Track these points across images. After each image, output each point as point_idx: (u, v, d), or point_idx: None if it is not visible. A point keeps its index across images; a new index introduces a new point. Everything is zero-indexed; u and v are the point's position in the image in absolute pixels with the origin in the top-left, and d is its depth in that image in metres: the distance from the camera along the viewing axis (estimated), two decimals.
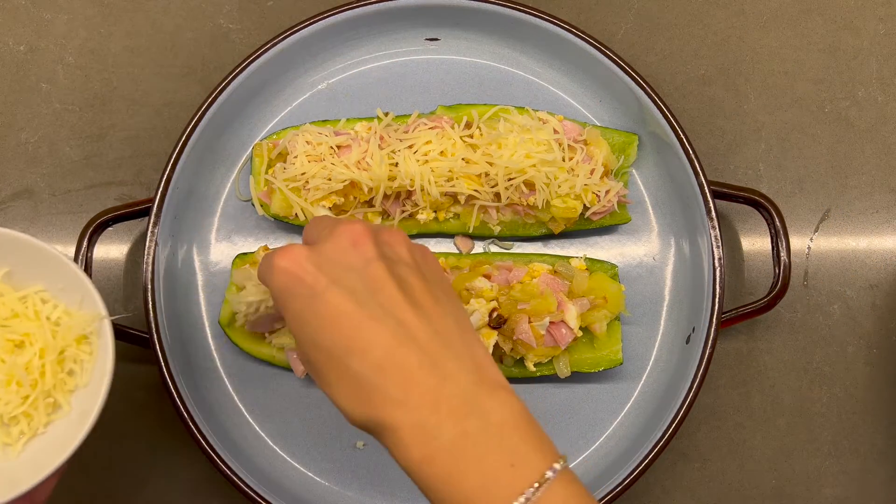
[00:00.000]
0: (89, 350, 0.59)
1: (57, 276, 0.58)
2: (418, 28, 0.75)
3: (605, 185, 0.70)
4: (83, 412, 0.56)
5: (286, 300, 0.48)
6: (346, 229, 0.49)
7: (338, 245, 0.48)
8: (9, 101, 0.76)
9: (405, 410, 0.44)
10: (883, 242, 0.77)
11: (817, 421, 0.74)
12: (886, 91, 0.79)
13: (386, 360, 0.45)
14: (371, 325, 0.45)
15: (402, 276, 0.48)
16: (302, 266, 0.47)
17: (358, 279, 0.47)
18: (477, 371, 0.46)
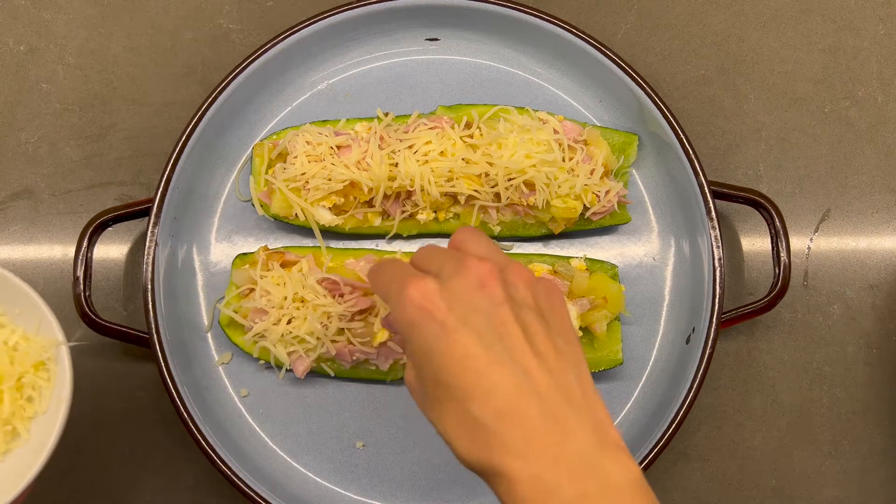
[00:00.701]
0: (47, 377, 0.57)
1: (14, 300, 0.57)
2: (418, 28, 0.75)
3: (605, 185, 0.70)
4: (41, 441, 0.54)
5: (413, 332, 0.47)
6: (476, 268, 0.48)
7: (467, 283, 0.47)
8: (9, 101, 0.76)
9: (524, 462, 0.43)
10: (883, 242, 0.77)
11: (817, 421, 0.74)
12: (886, 91, 0.79)
13: (508, 407, 0.44)
14: (496, 370, 0.45)
15: (527, 323, 0.47)
16: (434, 302, 0.47)
17: (486, 322, 0.46)
18: (597, 430, 0.45)
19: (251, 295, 0.68)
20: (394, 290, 0.49)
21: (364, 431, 0.70)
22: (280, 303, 0.67)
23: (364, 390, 0.71)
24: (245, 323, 0.68)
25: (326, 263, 0.69)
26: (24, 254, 0.74)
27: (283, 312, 0.67)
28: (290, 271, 0.68)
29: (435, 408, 0.47)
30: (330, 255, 0.70)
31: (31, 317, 0.57)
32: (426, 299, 0.47)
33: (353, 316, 0.67)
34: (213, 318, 0.72)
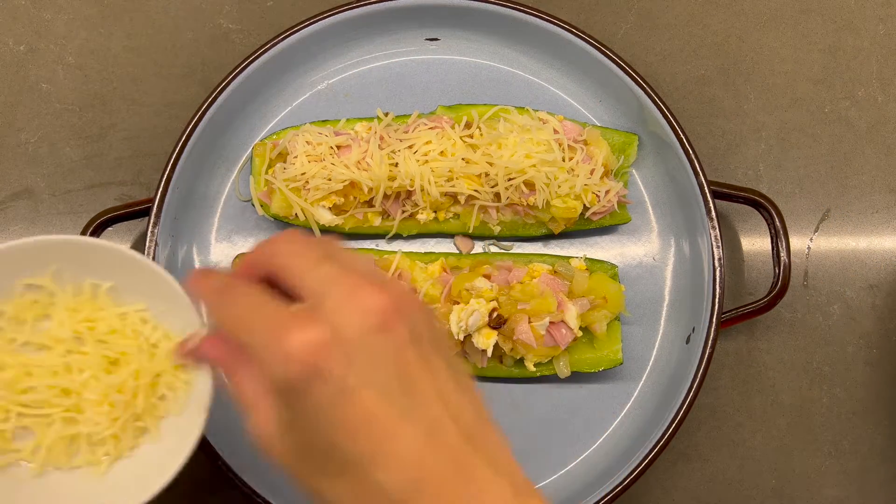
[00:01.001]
0: (186, 379, 0.56)
1: (162, 297, 0.54)
2: (418, 28, 0.75)
3: (605, 185, 0.70)
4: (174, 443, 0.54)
5: (301, 394, 0.39)
6: (373, 304, 0.40)
7: (366, 324, 0.40)
8: (9, 101, 0.76)
9: None
10: (883, 242, 0.77)
11: (817, 421, 0.74)
12: (886, 91, 0.79)
13: (421, 474, 0.39)
14: (403, 428, 0.39)
15: (429, 360, 0.41)
16: (324, 355, 0.39)
17: (390, 372, 0.40)
18: (510, 476, 0.41)
19: None
20: (266, 337, 0.40)
21: None
22: None
23: None
24: None
25: None
26: None
27: None
28: None
29: (323, 481, 0.41)
30: None
31: (178, 317, 0.55)
32: (314, 353, 0.39)
33: None
34: None
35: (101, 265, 0.55)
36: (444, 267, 0.70)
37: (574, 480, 0.69)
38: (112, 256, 0.55)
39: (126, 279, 0.56)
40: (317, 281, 0.41)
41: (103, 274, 0.56)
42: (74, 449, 0.56)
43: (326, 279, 0.41)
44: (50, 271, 0.56)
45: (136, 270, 0.55)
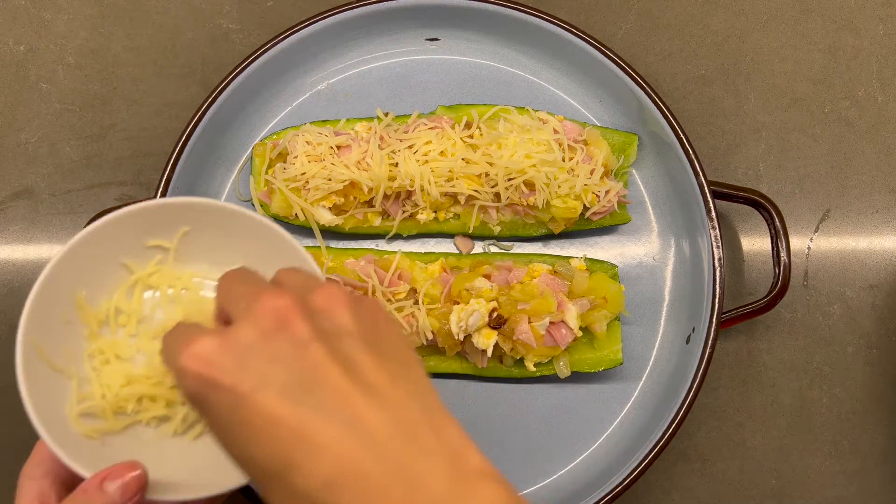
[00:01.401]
0: None
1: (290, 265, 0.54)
2: (418, 28, 0.75)
3: (605, 185, 0.70)
4: None
5: (203, 409, 0.39)
6: (270, 303, 0.39)
7: (258, 327, 0.39)
8: (9, 101, 0.76)
9: None
10: (883, 242, 0.77)
11: (817, 421, 0.74)
12: (886, 91, 0.79)
13: (341, 472, 0.36)
14: (315, 428, 0.36)
15: (348, 355, 0.39)
16: (214, 364, 0.38)
17: (290, 371, 0.38)
18: (453, 461, 0.38)
19: None
20: (170, 364, 0.40)
21: None
22: None
23: None
24: None
25: (326, 263, 0.69)
26: (25, 254, 0.74)
27: None
28: None
29: (266, 494, 0.39)
30: (330, 255, 0.70)
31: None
32: (205, 364, 0.38)
33: None
34: None
35: (236, 233, 0.54)
36: (444, 267, 0.70)
37: (574, 480, 0.69)
38: (248, 225, 0.53)
39: (260, 250, 0.54)
40: (228, 301, 0.42)
41: (236, 243, 0.55)
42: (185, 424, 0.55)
43: (234, 296, 0.41)
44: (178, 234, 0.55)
45: (269, 240, 0.53)
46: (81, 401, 0.53)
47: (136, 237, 0.54)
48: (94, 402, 0.53)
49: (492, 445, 0.70)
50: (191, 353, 0.39)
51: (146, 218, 0.54)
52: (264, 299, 0.39)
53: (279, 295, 0.40)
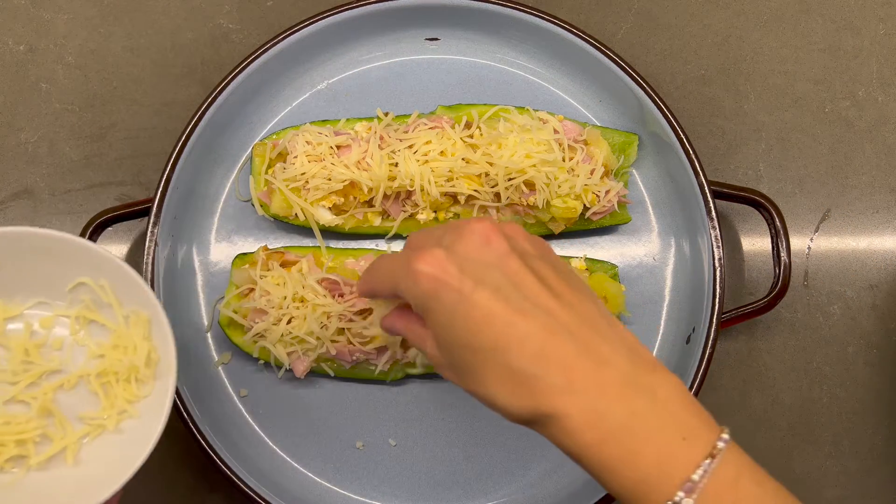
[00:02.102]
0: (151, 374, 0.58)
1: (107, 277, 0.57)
2: (418, 28, 0.75)
3: (605, 185, 0.70)
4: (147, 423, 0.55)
5: (431, 304, 0.48)
6: (476, 227, 0.49)
7: (472, 243, 0.48)
8: (9, 101, 0.76)
9: (571, 397, 0.44)
10: (883, 242, 0.77)
11: (817, 421, 0.74)
12: (886, 91, 0.79)
13: (543, 350, 0.45)
14: (521, 319, 0.45)
15: (536, 268, 0.48)
16: (445, 269, 0.47)
17: (499, 275, 0.47)
18: (631, 352, 0.46)
19: (251, 295, 0.68)
20: (400, 273, 0.50)
21: (364, 431, 0.70)
22: (280, 303, 0.67)
23: (364, 390, 0.71)
24: (245, 323, 0.68)
25: (326, 263, 0.69)
26: None
27: (282, 312, 0.67)
28: (289, 271, 0.68)
29: (472, 375, 0.47)
30: (330, 256, 0.70)
31: (130, 296, 0.57)
32: (437, 268, 0.47)
33: (353, 316, 0.67)
34: (213, 318, 0.72)
35: (55, 257, 0.56)
36: None
37: (574, 480, 0.69)
38: (36, 243, 0.56)
39: (56, 265, 0.57)
40: (433, 238, 0.50)
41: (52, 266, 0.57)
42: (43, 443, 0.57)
43: (440, 233, 0.50)
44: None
45: (58, 249, 0.56)
46: None
47: None
48: None
49: (492, 445, 0.70)
50: (425, 259, 0.47)
51: None
52: (471, 224, 0.49)
53: (482, 220, 0.49)
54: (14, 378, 0.58)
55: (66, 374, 0.58)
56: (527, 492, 0.69)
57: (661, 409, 0.45)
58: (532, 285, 0.47)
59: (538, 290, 0.47)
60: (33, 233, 0.56)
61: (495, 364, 0.46)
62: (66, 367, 0.59)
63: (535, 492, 0.69)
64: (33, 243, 0.56)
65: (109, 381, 0.58)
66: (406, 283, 0.49)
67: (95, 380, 0.58)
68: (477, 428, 0.71)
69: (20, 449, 0.56)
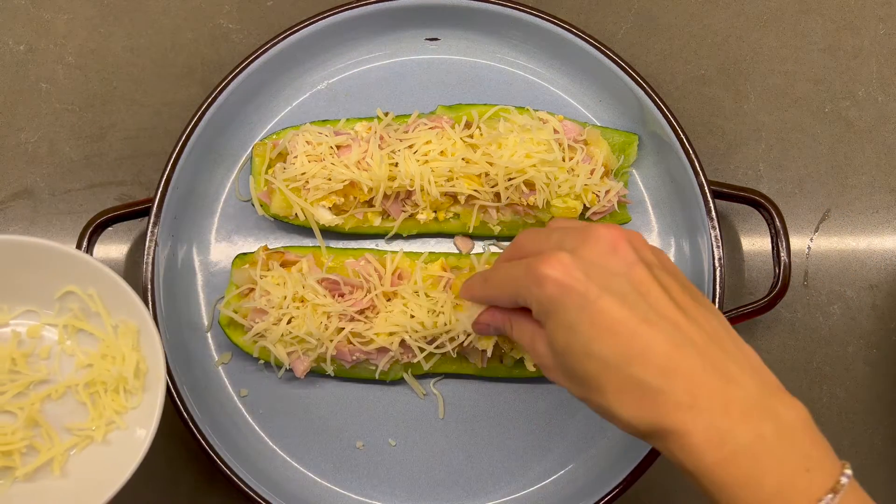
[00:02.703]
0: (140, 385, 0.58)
1: (96, 285, 0.57)
2: (418, 28, 0.75)
3: (605, 185, 0.70)
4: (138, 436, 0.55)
5: (555, 309, 0.47)
6: (603, 233, 0.48)
7: (599, 250, 0.47)
8: (9, 101, 0.76)
9: (695, 414, 0.43)
10: (883, 242, 0.77)
11: (817, 421, 0.74)
12: (886, 91, 0.79)
13: (669, 364, 0.44)
14: (647, 329, 0.45)
15: (661, 279, 0.47)
16: (571, 274, 0.46)
17: (625, 284, 0.46)
18: (757, 373, 0.45)
19: (251, 295, 0.68)
20: (523, 278, 0.49)
21: (364, 431, 0.70)
22: (280, 303, 0.67)
23: (364, 390, 0.71)
24: (245, 323, 0.68)
25: (326, 263, 0.69)
26: None
27: (282, 312, 0.67)
28: (289, 271, 0.68)
29: (588, 382, 0.47)
30: (330, 256, 0.70)
31: (121, 306, 0.57)
32: (563, 273, 0.46)
33: (354, 315, 0.67)
34: (213, 318, 0.72)
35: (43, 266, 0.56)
36: (445, 267, 0.70)
37: (575, 479, 0.69)
38: (25, 252, 0.55)
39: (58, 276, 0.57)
40: (553, 241, 0.50)
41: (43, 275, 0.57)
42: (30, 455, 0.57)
43: (560, 236, 0.49)
44: None
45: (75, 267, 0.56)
46: None
47: None
48: None
49: (492, 445, 0.70)
50: (553, 263, 0.47)
51: None
52: (599, 230, 0.48)
53: (608, 227, 0.48)
54: (0, 388, 0.57)
55: (53, 384, 0.58)
56: (527, 492, 0.69)
57: (786, 435, 0.44)
58: (659, 296, 0.46)
59: (665, 302, 0.46)
60: (20, 241, 0.56)
61: (618, 374, 0.45)
62: (54, 376, 0.58)
63: (535, 492, 0.69)
64: (21, 252, 0.56)
65: (98, 391, 0.57)
66: (530, 287, 0.48)
67: (83, 390, 0.57)
68: (477, 428, 0.71)
69: (6, 460, 0.55)
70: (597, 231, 0.48)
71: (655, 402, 0.44)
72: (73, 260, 0.56)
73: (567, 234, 0.49)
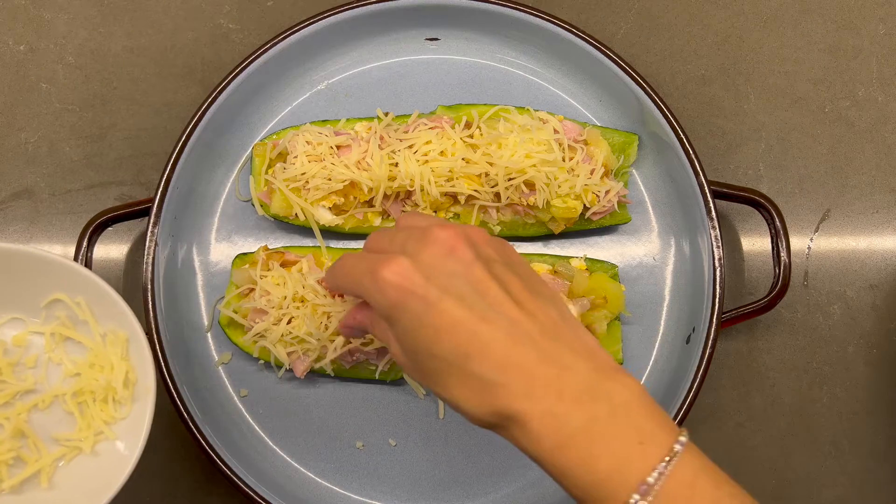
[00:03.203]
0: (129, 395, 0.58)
1: (84, 293, 0.56)
2: (418, 28, 0.75)
3: (605, 185, 0.70)
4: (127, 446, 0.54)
5: (397, 313, 0.48)
6: (441, 236, 0.49)
7: (437, 251, 0.49)
8: (9, 101, 0.76)
9: (532, 402, 0.45)
10: (883, 242, 0.77)
11: (817, 421, 0.74)
12: (886, 91, 0.79)
13: (506, 359, 0.46)
14: (486, 327, 0.46)
15: (500, 275, 0.49)
16: (411, 278, 0.48)
17: (464, 284, 0.48)
18: (591, 358, 0.47)
19: (251, 295, 0.68)
20: (366, 280, 0.50)
21: (364, 431, 0.70)
22: (280, 303, 0.67)
23: (364, 390, 0.71)
24: (245, 323, 0.68)
25: (326, 263, 0.69)
26: None
27: (282, 312, 0.67)
28: (290, 271, 0.68)
29: (435, 379, 0.48)
30: (330, 256, 0.70)
31: (108, 315, 0.56)
32: (403, 278, 0.48)
33: None
34: (213, 318, 0.72)
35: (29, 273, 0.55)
36: None
37: None
38: (11, 260, 0.54)
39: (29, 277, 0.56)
40: (396, 243, 0.50)
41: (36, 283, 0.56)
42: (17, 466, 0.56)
43: (403, 238, 0.50)
44: None
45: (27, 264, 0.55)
46: None
47: None
48: None
49: (492, 445, 0.70)
50: (392, 268, 0.48)
51: None
52: (436, 232, 0.49)
53: (446, 228, 0.49)
54: None
55: (40, 394, 0.57)
56: (527, 492, 0.69)
57: (619, 413, 0.45)
58: (497, 294, 0.48)
59: (502, 299, 0.47)
60: (6, 249, 0.55)
61: (459, 371, 0.47)
62: (41, 385, 0.57)
63: (535, 492, 0.69)
64: (7, 260, 0.55)
65: (86, 400, 0.56)
66: (372, 291, 0.49)
67: (71, 399, 0.56)
68: (477, 428, 0.70)
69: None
70: (435, 233, 0.49)
71: (495, 394, 0.46)
72: (60, 268, 0.55)
73: (410, 235, 0.50)
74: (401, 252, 0.49)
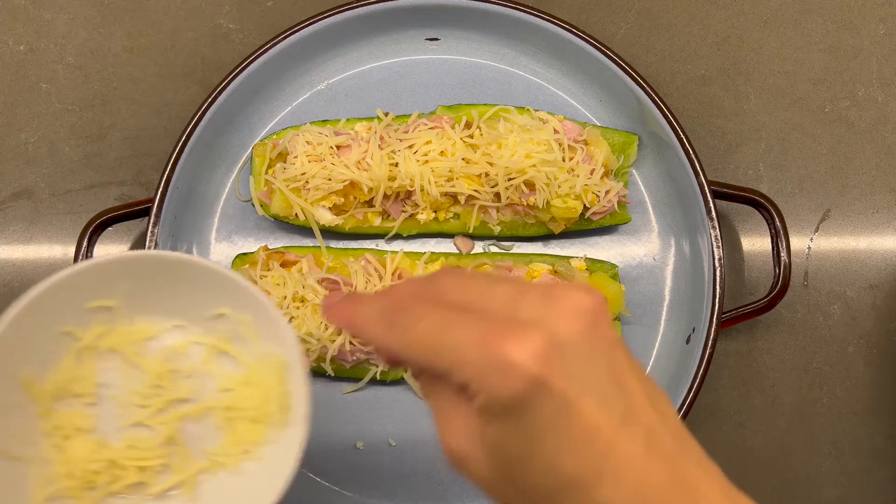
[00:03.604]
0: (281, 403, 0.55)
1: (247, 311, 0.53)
2: (418, 28, 0.75)
3: (605, 185, 0.70)
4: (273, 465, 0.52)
5: (521, 412, 0.35)
6: (580, 300, 0.36)
7: (579, 327, 0.35)
8: (9, 101, 0.76)
9: None
10: (883, 242, 0.77)
11: (817, 421, 0.74)
12: (886, 91, 0.79)
13: (644, 488, 0.35)
14: (623, 438, 0.35)
15: (632, 359, 0.38)
16: (549, 365, 0.34)
17: (607, 377, 0.36)
18: (717, 479, 0.39)
19: None
20: (473, 354, 0.35)
21: (364, 431, 0.70)
22: (280, 303, 0.67)
23: (364, 390, 0.71)
24: None
25: (326, 263, 0.69)
26: (24, 254, 0.74)
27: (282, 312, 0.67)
28: (289, 271, 0.68)
29: (539, 502, 0.36)
30: (330, 256, 0.70)
31: (266, 333, 0.53)
32: (540, 363, 0.34)
33: None
34: None
35: (183, 280, 0.52)
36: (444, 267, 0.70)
37: None
38: (189, 271, 0.52)
39: (210, 293, 0.53)
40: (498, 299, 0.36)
41: (184, 290, 0.53)
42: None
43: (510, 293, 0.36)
44: (121, 291, 0.52)
45: (215, 282, 0.51)
46: (46, 484, 0.50)
47: (73, 301, 0.51)
48: (60, 482, 0.51)
49: None
50: (524, 348, 0.34)
51: (80, 281, 0.50)
52: (572, 295, 0.36)
53: (581, 290, 0.36)
54: (144, 401, 0.54)
55: (193, 404, 0.55)
56: None
57: None
58: (636, 391, 0.36)
59: (641, 398, 0.36)
60: (193, 262, 0.51)
61: (581, 496, 0.35)
62: (196, 396, 0.56)
63: None
64: (184, 269, 0.52)
65: (237, 417, 0.55)
66: (485, 373, 0.34)
67: (223, 414, 0.55)
68: None
69: (141, 475, 0.53)
70: (570, 295, 0.36)
71: None
72: (233, 285, 0.52)
73: (522, 292, 0.36)
74: (521, 319, 0.35)
